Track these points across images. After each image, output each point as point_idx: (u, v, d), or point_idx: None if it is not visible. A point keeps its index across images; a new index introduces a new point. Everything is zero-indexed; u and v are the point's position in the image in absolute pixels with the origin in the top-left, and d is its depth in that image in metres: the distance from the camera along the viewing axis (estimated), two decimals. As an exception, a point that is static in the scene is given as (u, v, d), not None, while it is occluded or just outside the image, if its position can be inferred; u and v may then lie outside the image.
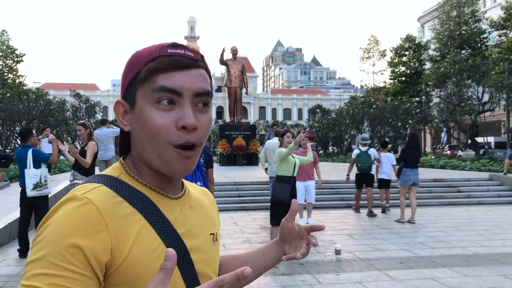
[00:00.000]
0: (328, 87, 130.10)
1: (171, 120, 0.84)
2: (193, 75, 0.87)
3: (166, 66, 0.85)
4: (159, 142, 0.85)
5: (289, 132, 6.62)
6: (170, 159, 0.85)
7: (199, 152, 0.89)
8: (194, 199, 1.00)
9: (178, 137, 0.84)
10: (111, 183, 0.87)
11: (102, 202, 0.80)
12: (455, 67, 31.06)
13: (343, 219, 9.67)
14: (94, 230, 0.77)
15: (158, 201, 0.89)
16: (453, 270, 5.56)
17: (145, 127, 0.85)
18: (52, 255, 0.74)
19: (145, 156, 0.89)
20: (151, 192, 0.90)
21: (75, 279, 0.73)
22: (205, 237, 0.96)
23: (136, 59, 0.89)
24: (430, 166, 21.81)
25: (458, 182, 13.63)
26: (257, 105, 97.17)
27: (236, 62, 21.39)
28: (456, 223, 9.04)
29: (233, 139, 20.99)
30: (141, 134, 0.87)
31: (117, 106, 0.91)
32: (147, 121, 0.85)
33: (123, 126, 0.92)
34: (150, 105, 0.85)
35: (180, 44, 0.88)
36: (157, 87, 0.84)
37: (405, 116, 39.27)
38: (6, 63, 43.06)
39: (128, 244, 0.80)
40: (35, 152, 6.47)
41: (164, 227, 0.86)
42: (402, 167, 9.38)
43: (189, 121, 0.84)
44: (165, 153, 0.85)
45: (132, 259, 0.80)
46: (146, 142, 0.86)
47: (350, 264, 5.91)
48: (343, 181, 13.20)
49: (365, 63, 59.21)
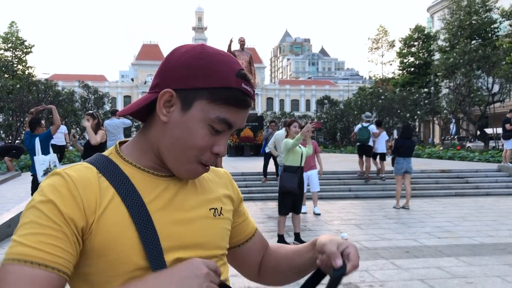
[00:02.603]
0: (336, 78, 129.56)
1: (210, 144, 0.92)
2: (246, 115, 0.96)
3: (238, 104, 0.92)
4: (189, 155, 0.92)
5: (295, 122, 6.65)
6: (192, 169, 0.94)
7: None
8: (196, 179, 1.04)
9: (208, 158, 0.94)
10: (97, 160, 0.94)
11: (78, 176, 0.87)
12: (464, 57, 30.78)
13: (350, 209, 9.72)
14: (70, 197, 0.84)
15: (139, 178, 0.93)
16: (459, 259, 5.60)
17: (186, 136, 0.91)
18: (35, 216, 0.82)
19: (163, 150, 0.94)
20: (135, 170, 0.94)
21: (57, 236, 0.81)
22: (202, 211, 0.98)
23: (209, 66, 0.90)
24: (438, 157, 21.74)
25: (466, 173, 13.60)
26: (264, 96, 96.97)
27: (244, 53, 21.30)
28: (463, 213, 9.06)
29: (240, 130, 20.90)
30: (178, 138, 0.91)
31: (166, 95, 0.91)
32: (192, 134, 0.90)
33: (161, 114, 0.92)
34: (203, 122, 0.90)
35: (248, 76, 0.94)
36: (222, 118, 0.91)
37: (413, 107, 39.07)
38: (16, 54, 43.33)
39: (98, 213, 0.85)
40: (41, 137, 6.68)
41: (133, 200, 0.88)
42: (395, 157, 9.77)
43: (223, 151, 0.94)
44: (190, 165, 0.94)
45: (101, 227, 0.85)
46: (177, 146, 0.92)
47: (357, 253, 5.96)
48: (350, 171, 13.31)
49: (374, 53, 58.86)
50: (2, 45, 42.67)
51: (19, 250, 0.79)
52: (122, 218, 0.87)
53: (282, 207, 6.36)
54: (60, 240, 0.81)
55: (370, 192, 11.78)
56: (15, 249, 0.79)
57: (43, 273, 0.78)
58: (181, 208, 0.95)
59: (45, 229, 0.80)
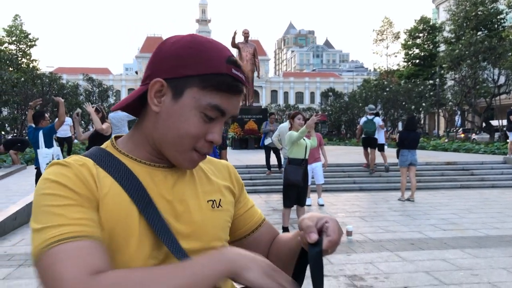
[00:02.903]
0: (341, 70, 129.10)
1: (204, 131, 0.91)
2: (239, 101, 0.95)
3: (229, 90, 0.91)
4: (184, 144, 0.91)
5: (299, 114, 6.59)
6: (187, 158, 0.93)
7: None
8: (194, 170, 1.03)
9: (203, 146, 0.93)
10: (92, 153, 0.95)
11: (77, 163, 0.88)
12: (470, 49, 30.54)
13: (355, 201, 9.70)
14: (77, 179, 0.85)
15: (137, 169, 0.93)
16: (464, 251, 5.58)
17: (178, 125, 0.90)
18: (51, 200, 0.81)
19: (159, 141, 0.94)
20: (131, 161, 0.95)
21: (79, 210, 0.81)
22: (200, 203, 0.98)
23: (199, 55, 0.90)
24: (444, 149, 21.65)
25: (471, 165, 13.53)
26: (269, 88, 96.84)
27: (248, 45, 21.29)
28: (468, 205, 9.02)
29: (244, 123, 21.02)
30: (171, 127, 0.91)
31: (156, 84, 0.91)
32: (185, 122, 0.90)
33: (153, 104, 0.92)
34: (195, 110, 0.90)
35: (239, 62, 0.93)
36: (214, 105, 0.90)
37: (418, 99, 38.91)
38: (20, 48, 43.41)
39: (102, 195, 0.86)
40: (45, 130, 6.73)
41: (133, 186, 0.89)
42: (400, 149, 9.73)
43: (217, 139, 0.93)
44: (185, 153, 0.93)
45: (106, 207, 0.86)
46: (171, 136, 0.91)
47: (361, 245, 5.96)
48: (355, 164, 13.29)
49: (379, 45, 58.62)
50: (6, 38, 42.76)
51: (52, 233, 0.77)
52: (125, 203, 0.88)
53: (287, 199, 6.35)
54: (85, 211, 0.82)
55: (374, 185, 11.75)
56: (48, 234, 0.77)
57: (87, 243, 0.78)
58: (179, 199, 0.95)
59: (65, 208, 0.80)
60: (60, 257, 0.75)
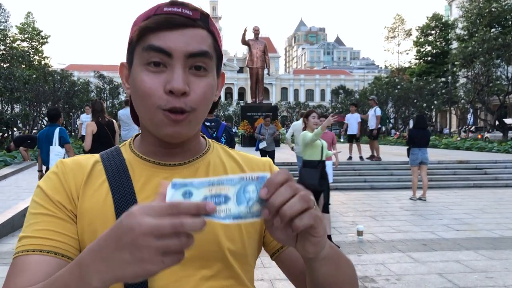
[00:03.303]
0: (351, 67, 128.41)
1: (160, 83, 0.80)
2: (188, 35, 0.81)
3: (158, 25, 0.80)
4: (149, 106, 0.82)
5: (314, 113, 6.16)
6: (159, 122, 0.82)
7: (195, 118, 0.84)
8: (211, 166, 0.93)
9: (166, 101, 0.80)
10: (106, 151, 0.94)
11: (72, 162, 0.89)
12: (483, 46, 30.09)
13: (365, 200, 9.58)
14: (57, 182, 0.85)
15: (138, 166, 0.89)
16: (478, 253, 5.45)
17: (137, 89, 0.83)
18: (31, 208, 0.85)
19: (142, 120, 0.89)
20: (135, 158, 0.91)
21: (49, 221, 0.81)
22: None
23: (136, 19, 0.87)
24: (456, 147, 21.39)
25: (484, 164, 13.32)
26: (279, 86, 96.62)
27: (258, 42, 21.19)
28: (482, 205, 8.85)
29: (254, 120, 20.92)
30: (135, 96, 0.86)
31: (121, 69, 0.91)
32: (138, 83, 0.83)
33: (126, 89, 0.90)
34: (141, 66, 0.82)
35: (180, 2, 0.82)
36: (147, 46, 0.81)
37: (430, 97, 38.55)
38: (32, 45, 43.78)
39: (80, 200, 0.85)
40: (61, 131, 6.70)
41: (121, 186, 0.85)
42: (410, 147, 9.59)
43: (176, 85, 0.78)
44: (155, 117, 0.82)
45: (85, 207, 0.84)
46: (140, 105, 0.85)
47: (372, 245, 5.86)
48: (365, 162, 13.16)
49: (390, 42, 58.33)
50: (19, 35, 43.15)
51: (20, 243, 0.80)
52: (105, 205, 0.84)
53: None
54: (54, 223, 0.81)
55: (385, 183, 11.60)
56: (18, 244, 0.81)
57: (42, 258, 0.78)
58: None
59: (38, 217, 0.82)
60: (13, 269, 0.78)
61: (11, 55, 26.93)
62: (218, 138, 4.25)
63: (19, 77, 24.07)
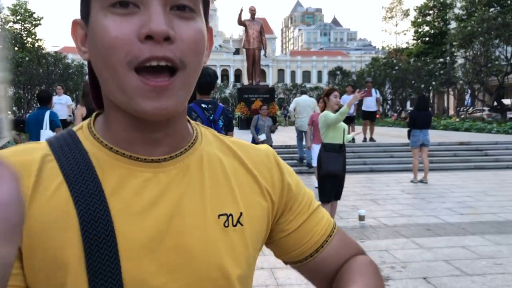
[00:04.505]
0: (348, 48, 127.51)
1: (131, 29, 0.56)
2: None
3: None
4: (115, 64, 0.57)
5: (336, 91, 5.45)
6: (132, 91, 0.57)
7: (185, 81, 0.60)
8: (204, 162, 0.69)
9: (139, 52, 0.56)
10: (58, 137, 0.66)
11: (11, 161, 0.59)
12: (483, 25, 29.73)
13: (366, 183, 9.41)
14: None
15: (108, 163, 0.63)
16: (485, 237, 5.29)
17: (98, 44, 0.58)
18: None
19: (106, 90, 0.62)
20: (103, 152, 0.64)
21: None
22: (204, 219, 0.65)
23: None
24: (455, 128, 21.24)
25: (485, 145, 13.15)
26: (275, 67, 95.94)
27: (255, 22, 20.79)
28: (484, 187, 8.69)
29: (251, 102, 20.65)
30: (97, 57, 0.60)
31: (74, 29, 0.65)
32: (99, 34, 0.58)
33: (81, 54, 0.65)
34: (103, 10, 0.58)
35: None
36: None
37: (428, 77, 38.28)
38: (25, 27, 43.04)
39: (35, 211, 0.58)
40: (52, 115, 6.52)
41: (88, 196, 0.59)
42: (411, 129, 9.43)
43: (156, 26, 0.55)
44: (125, 82, 0.57)
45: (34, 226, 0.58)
46: (103, 67, 0.59)
47: (375, 230, 5.69)
48: (365, 144, 12.98)
49: (388, 23, 58.04)
50: (11, 17, 42.35)
51: None
52: (65, 218, 0.58)
53: (324, 193, 5.23)
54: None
55: (386, 166, 11.44)
56: None
57: None
58: (167, 214, 0.63)
59: None
60: None
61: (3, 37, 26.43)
62: (216, 121, 4.02)
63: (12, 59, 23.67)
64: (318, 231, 0.77)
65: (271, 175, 0.75)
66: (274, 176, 0.75)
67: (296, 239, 0.76)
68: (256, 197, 0.72)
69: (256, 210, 0.71)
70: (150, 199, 0.62)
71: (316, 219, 0.78)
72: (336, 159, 5.15)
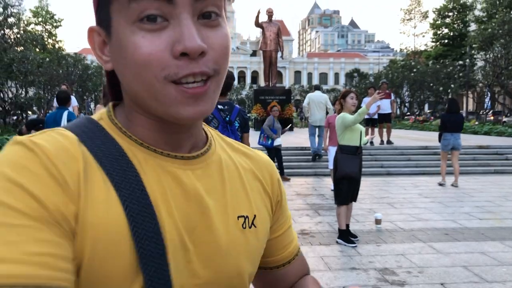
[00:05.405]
0: (366, 50, 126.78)
1: (163, 45, 0.56)
2: None
3: None
4: (150, 80, 0.57)
5: (352, 93, 5.39)
6: (170, 101, 0.58)
7: (217, 84, 0.61)
8: (223, 163, 0.71)
9: (177, 69, 0.56)
10: (79, 125, 0.62)
11: (52, 146, 0.55)
12: (504, 27, 29.28)
13: (383, 186, 9.31)
14: (48, 177, 0.52)
15: (146, 162, 0.62)
16: (505, 244, 5.18)
17: (128, 60, 0.57)
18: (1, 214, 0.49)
19: (137, 98, 0.61)
20: (137, 148, 0.63)
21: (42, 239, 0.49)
22: (226, 218, 0.67)
23: None
24: (474, 132, 20.91)
25: (505, 149, 12.90)
26: (292, 69, 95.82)
27: (272, 24, 20.78)
28: (504, 192, 8.53)
29: (267, 104, 20.61)
30: (125, 69, 0.59)
31: (90, 36, 0.63)
32: (129, 50, 0.57)
33: (103, 63, 0.63)
34: (130, 25, 0.57)
35: None
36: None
37: (447, 80, 37.80)
38: (46, 28, 43.80)
39: (85, 201, 0.55)
40: (69, 114, 6.62)
41: (132, 193, 0.57)
42: (442, 132, 9.33)
43: (190, 43, 0.55)
44: (162, 94, 0.57)
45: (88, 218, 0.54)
46: (134, 80, 0.59)
47: (392, 234, 5.62)
48: (382, 147, 12.86)
49: (406, 25, 57.30)
50: (33, 19, 43.14)
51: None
52: (111, 214, 0.56)
53: (341, 196, 5.20)
54: (49, 240, 0.50)
55: (403, 169, 11.30)
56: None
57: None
58: (199, 210, 0.64)
59: (20, 231, 0.48)
60: None
61: (25, 38, 26.86)
62: (232, 122, 4.02)
63: (33, 60, 24.04)
64: (293, 245, 0.83)
65: (272, 183, 0.79)
66: (274, 185, 0.79)
67: (275, 246, 0.81)
68: (263, 201, 0.76)
69: (264, 213, 0.75)
70: (183, 194, 0.63)
71: (290, 234, 0.84)
72: (353, 161, 5.10)
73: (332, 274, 4.26)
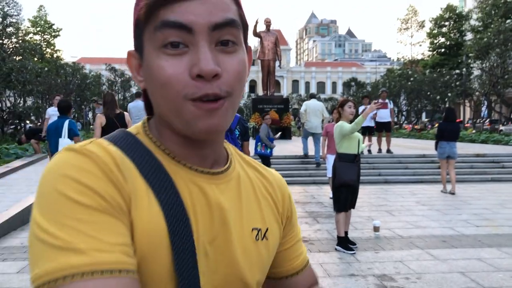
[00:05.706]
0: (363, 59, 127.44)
1: (183, 68, 0.64)
2: (210, 2, 0.64)
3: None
4: (172, 97, 0.65)
5: (350, 102, 5.48)
6: (189, 116, 0.65)
7: (231, 104, 0.67)
8: (241, 179, 0.78)
9: (195, 89, 0.63)
10: (120, 138, 0.69)
11: (103, 153, 0.62)
12: (499, 37, 29.58)
13: (381, 194, 9.37)
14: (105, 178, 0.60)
15: (177, 174, 0.69)
16: (501, 250, 5.24)
17: (154, 80, 0.66)
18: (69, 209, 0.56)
19: (163, 115, 0.69)
20: (170, 161, 0.70)
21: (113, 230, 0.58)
22: (242, 230, 0.74)
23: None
24: (471, 140, 21.01)
25: (502, 157, 13.00)
26: (290, 78, 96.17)
27: (270, 34, 20.93)
28: (501, 200, 8.60)
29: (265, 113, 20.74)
30: (153, 88, 0.68)
31: (129, 59, 0.73)
32: (155, 71, 0.65)
33: (138, 82, 0.73)
34: (156, 50, 0.65)
35: None
36: (159, 23, 0.63)
37: (444, 89, 38.01)
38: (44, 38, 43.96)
39: (133, 204, 0.62)
40: (71, 123, 6.65)
41: (172, 207, 0.65)
42: (438, 141, 9.46)
43: (205, 67, 0.62)
44: (183, 110, 0.65)
45: (139, 224, 0.62)
46: (160, 97, 0.67)
47: (390, 241, 5.67)
48: (380, 155, 12.93)
49: (403, 34, 57.92)
50: (31, 29, 43.30)
51: (79, 260, 0.53)
52: (154, 225, 0.62)
53: (340, 203, 5.28)
54: (121, 232, 0.58)
55: (400, 177, 11.37)
56: (71, 260, 0.53)
57: (125, 281, 0.55)
58: (221, 221, 0.71)
59: (98, 226, 0.56)
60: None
61: (24, 48, 26.97)
62: (232, 131, 4.09)
63: (31, 70, 24.13)
64: (301, 257, 0.89)
65: (283, 200, 0.85)
66: (286, 201, 0.86)
67: (285, 257, 0.87)
68: (274, 215, 0.82)
69: (275, 226, 0.81)
70: (207, 206, 0.70)
71: (300, 247, 0.89)
72: (351, 169, 5.18)
73: (331, 280, 4.31)
